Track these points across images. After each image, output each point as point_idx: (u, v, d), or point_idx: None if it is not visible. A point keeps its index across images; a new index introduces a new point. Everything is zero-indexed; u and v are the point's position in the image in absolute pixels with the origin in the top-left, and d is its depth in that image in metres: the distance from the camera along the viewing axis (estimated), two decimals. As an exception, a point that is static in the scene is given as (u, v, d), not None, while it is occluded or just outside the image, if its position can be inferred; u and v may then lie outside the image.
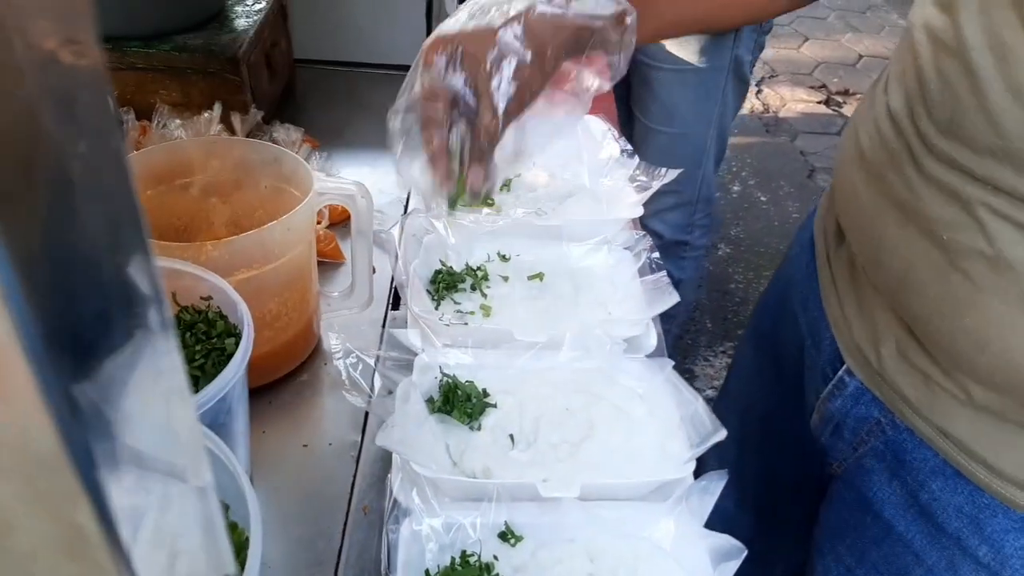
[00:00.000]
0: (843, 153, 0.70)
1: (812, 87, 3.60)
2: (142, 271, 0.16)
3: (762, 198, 2.91)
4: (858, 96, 3.57)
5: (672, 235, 1.70)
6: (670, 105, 1.53)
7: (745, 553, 0.57)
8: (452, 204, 0.70)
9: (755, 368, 0.92)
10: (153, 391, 0.18)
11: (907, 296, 0.59)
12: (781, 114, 3.41)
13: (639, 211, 0.92)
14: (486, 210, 0.89)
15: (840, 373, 0.69)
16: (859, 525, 0.70)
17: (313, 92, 1.28)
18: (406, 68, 1.35)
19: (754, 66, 1.60)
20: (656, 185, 0.92)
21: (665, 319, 0.82)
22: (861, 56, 3.80)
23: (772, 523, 0.92)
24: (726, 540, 0.58)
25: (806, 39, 3.88)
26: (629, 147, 0.99)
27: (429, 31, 1.32)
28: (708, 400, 0.70)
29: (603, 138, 1.03)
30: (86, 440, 0.12)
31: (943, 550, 0.62)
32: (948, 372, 0.58)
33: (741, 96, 1.60)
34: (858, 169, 0.64)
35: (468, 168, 0.66)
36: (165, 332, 0.18)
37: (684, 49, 1.45)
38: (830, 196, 0.76)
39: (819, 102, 3.53)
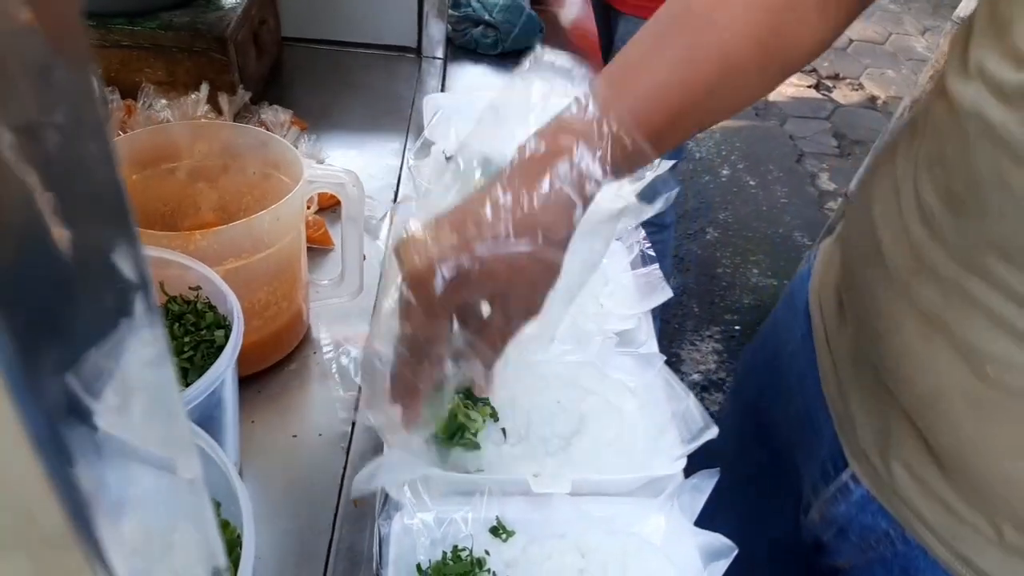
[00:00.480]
0: (853, 229, 0.62)
1: (802, 71, 3.59)
2: (127, 254, 0.15)
3: (751, 182, 2.92)
4: (848, 81, 3.57)
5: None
6: None
7: (736, 552, 0.57)
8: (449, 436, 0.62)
9: (738, 431, 0.82)
10: (140, 384, 0.17)
11: (933, 420, 0.53)
12: (771, 98, 3.40)
13: (631, 199, 0.91)
14: None
15: (844, 478, 0.63)
16: None
17: (301, 72, 1.25)
18: (396, 48, 1.34)
19: None
20: (650, 176, 0.91)
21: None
22: (852, 40, 3.80)
23: None
24: (716, 538, 0.59)
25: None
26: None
27: (421, 10, 1.30)
28: (695, 385, 0.70)
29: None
30: (91, 516, 0.11)
31: None
32: (977, 508, 0.52)
33: None
34: (875, 264, 0.56)
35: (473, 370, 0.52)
36: (151, 320, 0.18)
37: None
38: (826, 267, 0.68)
39: (809, 86, 3.53)
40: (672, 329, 2.26)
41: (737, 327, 2.33)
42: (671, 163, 0.93)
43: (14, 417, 0.10)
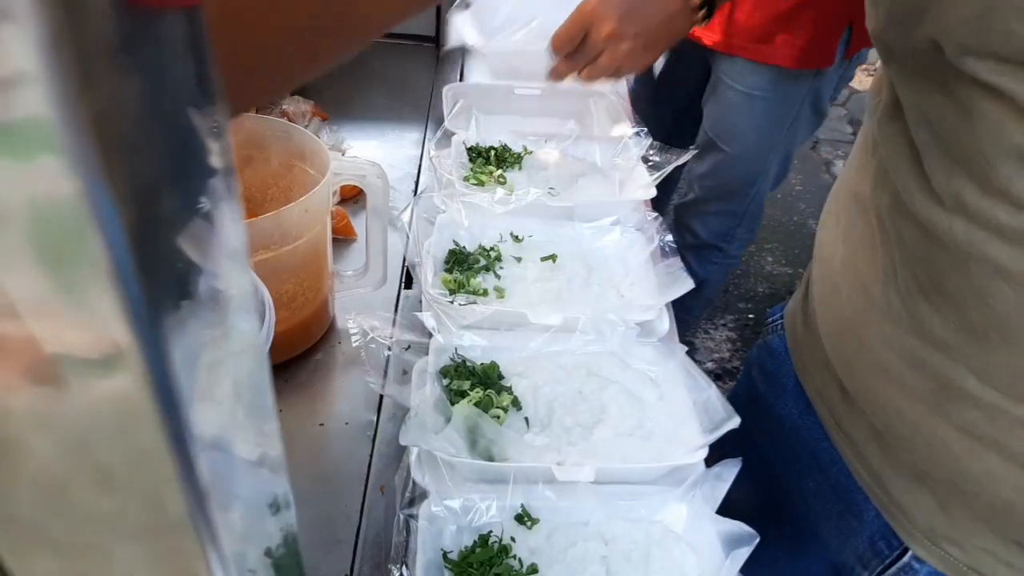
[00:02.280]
0: (833, 337, 0.62)
1: (818, 58, 3.56)
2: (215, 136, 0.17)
3: (765, 170, 2.90)
4: (863, 67, 3.54)
5: (709, 238, 1.68)
6: (732, 125, 1.48)
7: (757, 540, 0.58)
8: None
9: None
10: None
11: (1015, 526, 0.52)
12: (786, 85, 3.38)
13: (652, 192, 0.92)
14: (500, 190, 0.89)
15: (906, 559, 0.61)
16: None
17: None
18: (416, 38, 1.34)
19: (836, 97, 1.54)
20: (669, 167, 0.92)
21: (681, 310, 0.82)
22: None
23: None
24: (738, 527, 0.60)
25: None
26: (644, 127, 0.98)
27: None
28: (709, 373, 0.70)
29: (617, 116, 1.03)
30: (207, 496, 0.12)
31: None
32: None
33: (814, 126, 1.55)
34: (885, 382, 0.56)
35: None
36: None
37: (759, 75, 1.39)
38: (807, 341, 0.67)
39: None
40: (688, 328, 2.27)
41: (751, 315, 2.33)
42: (691, 152, 0.94)
43: (153, 408, 0.11)
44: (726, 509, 0.61)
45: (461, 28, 1.08)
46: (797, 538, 0.73)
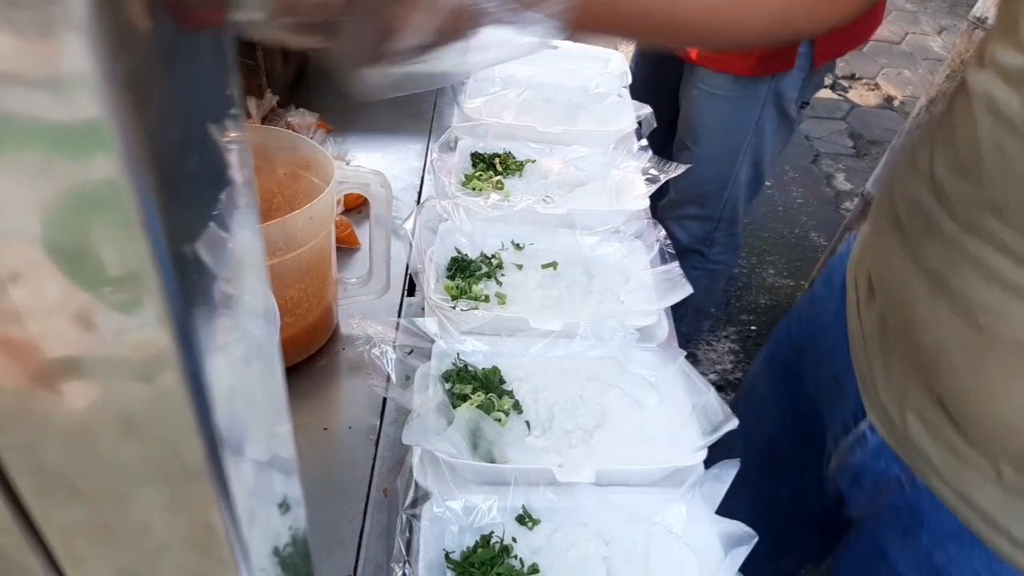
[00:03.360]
0: (878, 209, 0.68)
1: (818, 71, 3.59)
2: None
3: (766, 183, 2.92)
4: (864, 81, 3.56)
5: (688, 243, 1.69)
6: (698, 125, 1.50)
7: (756, 539, 0.59)
8: None
9: (770, 398, 0.89)
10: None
11: (937, 371, 0.58)
12: (787, 98, 3.40)
13: (644, 203, 0.93)
14: (494, 195, 0.91)
15: (863, 428, 0.68)
16: (873, 575, 0.69)
17: (326, 76, 1.28)
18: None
19: (806, 104, 1.55)
20: (663, 179, 0.93)
21: (675, 316, 0.83)
22: (868, 40, 3.79)
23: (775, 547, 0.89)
24: (737, 526, 0.60)
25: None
26: (644, 142, 1.00)
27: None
28: (711, 384, 0.72)
29: (620, 116, 1.05)
30: (223, 446, 0.13)
31: None
32: (978, 448, 0.57)
33: (785, 130, 1.55)
34: (893, 231, 0.63)
35: None
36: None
37: (720, 76, 1.41)
38: (864, 245, 0.73)
39: (825, 86, 3.52)
40: (686, 337, 2.27)
41: (753, 327, 2.33)
42: (685, 167, 0.95)
43: (176, 362, 0.12)
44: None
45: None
46: (808, 422, 0.80)
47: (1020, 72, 0.49)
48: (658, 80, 1.57)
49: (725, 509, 0.64)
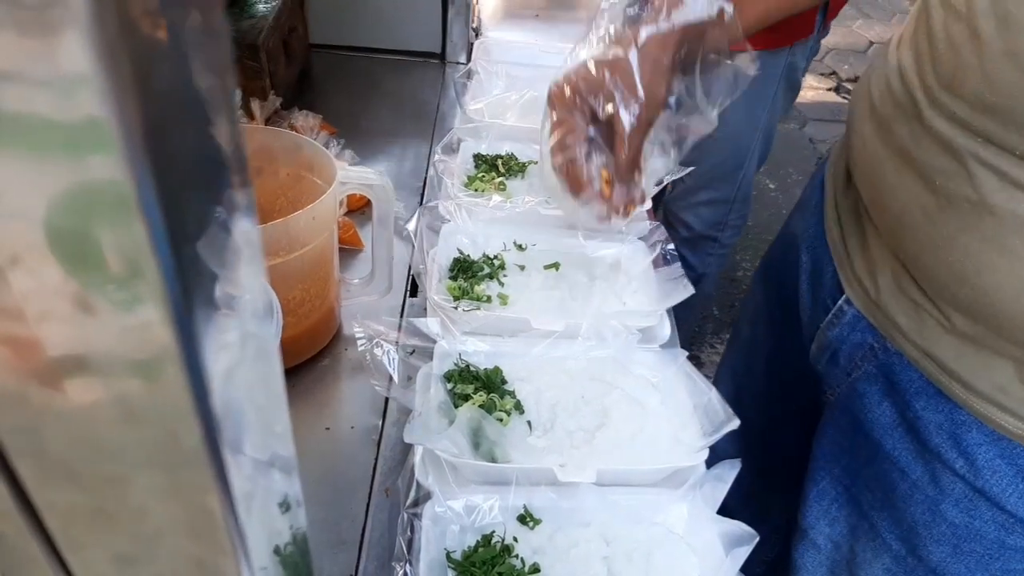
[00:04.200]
0: (855, 103, 0.74)
1: (822, 74, 3.59)
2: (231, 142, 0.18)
3: (771, 185, 2.92)
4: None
5: (702, 229, 1.69)
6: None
7: (757, 539, 0.59)
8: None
9: (763, 308, 0.97)
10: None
11: (902, 234, 0.64)
12: (791, 101, 3.40)
13: (647, 204, 0.93)
14: (497, 196, 0.91)
15: (840, 303, 0.74)
16: (852, 447, 0.75)
17: (329, 78, 1.29)
18: (422, 54, 1.37)
19: (806, 71, 1.56)
20: (668, 179, 0.93)
21: (683, 308, 0.83)
22: (872, 43, 3.79)
23: (771, 464, 0.97)
24: (738, 526, 0.60)
25: (817, 25, 3.86)
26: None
27: (445, 17, 1.33)
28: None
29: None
30: (220, 431, 0.13)
31: (926, 464, 0.68)
32: (935, 302, 0.63)
33: (790, 100, 1.57)
34: (868, 119, 0.69)
35: (612, 191, 0.76)
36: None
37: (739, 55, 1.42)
38: (842, 143, 0.80)
39: (829, 89, 3.52)
40: (693, 332, 2.27)
41: (757, 330, 2.33)
42: (689, 169, 0.95)
43: (176, 348, 0.12)
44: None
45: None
46: (788, 311, 0.87)
47: None
48: None
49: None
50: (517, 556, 0.61)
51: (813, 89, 3.49)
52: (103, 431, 0.13)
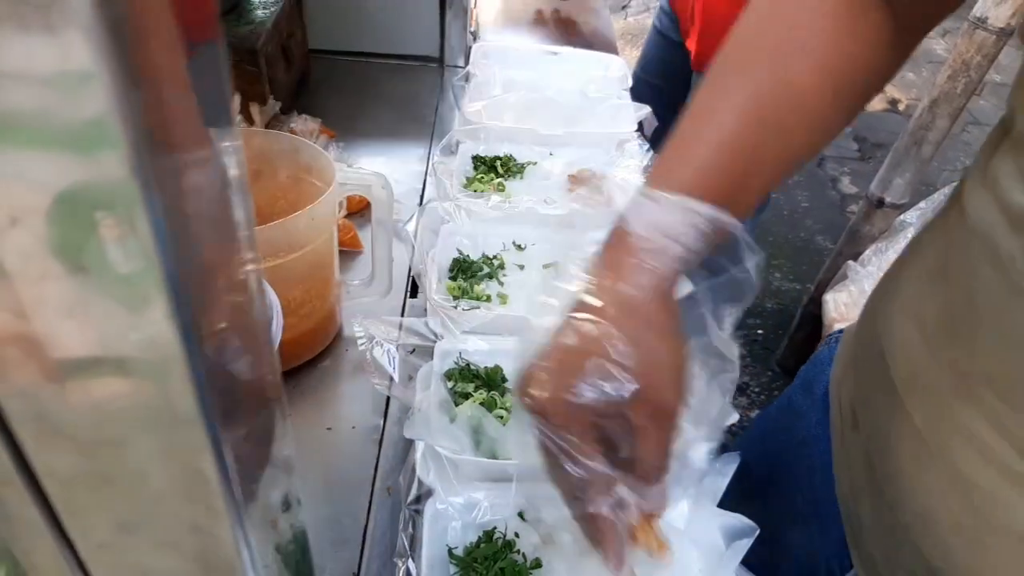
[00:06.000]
0: (861, 335, 0.60)
1: (821, 76, 3.59)
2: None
3: (771, 187, 2.92)
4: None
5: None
6: None
7: (757, 532, 0.59)
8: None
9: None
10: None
11: (928, 543, 0.51)
12: (790, 103, 3.40)
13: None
14: (496, 196, 0.91)
15: None
16: None
17: (328, 82, 1.29)
18: (420, 58, 1.38)
19: None
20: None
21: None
22: (870, 45, 3.79)
23: None
24: (738, 519, 0.60)
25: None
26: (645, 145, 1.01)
27: (443, 21, 1.34)
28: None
29: (622, 119, 1.06)
30: (211, 395, 0.14)
31: None
32: None
33: None
34: (879, 375, 0.54)
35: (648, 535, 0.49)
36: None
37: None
38: (845, 361, 0.64)
39: (828, 91, 3.52)
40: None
41: (760, 331, 2.33)
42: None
43: (170, 317, 0.13)
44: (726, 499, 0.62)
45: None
46: (773, 553, 0.71)
47: None
48: (666, 83, 1.57)
49: None
50: (518, 552, 0.61)
51: (812, 91, 3.49)
52: (99, 393, 0.14)
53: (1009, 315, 0.41)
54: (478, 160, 1.00)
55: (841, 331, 0.72)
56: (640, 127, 1.10)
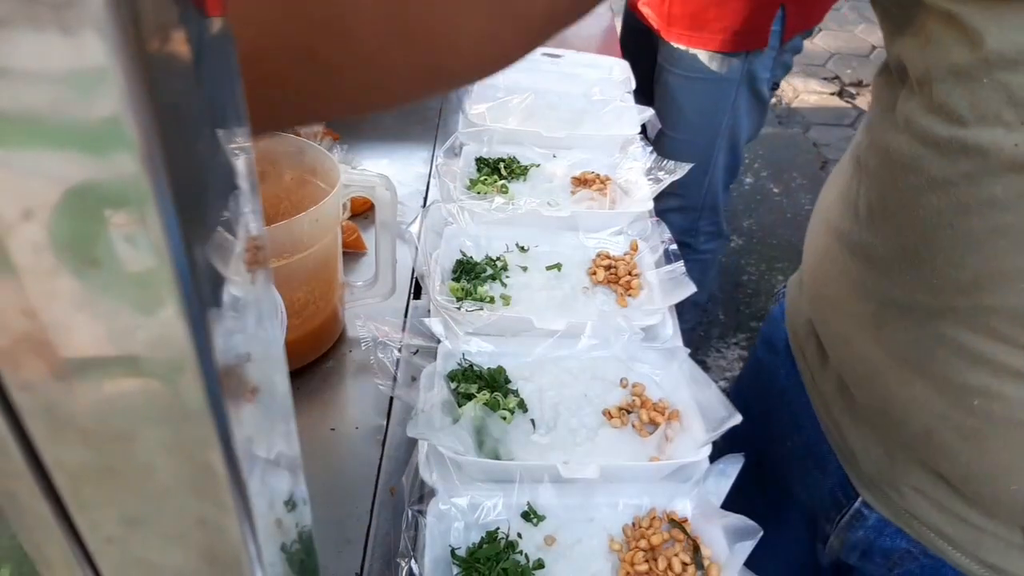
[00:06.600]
0: (813, 279, 0.64)
1: (825, 78, 3.60)
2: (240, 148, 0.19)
3: (775, 189, 2.92)
4: (871, 87, 3.57)
5: (675, 235, 1.72)
6: (678, 110, 1.54)
7: (761, 533, 0.59)
8: None
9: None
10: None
11: (933, 453, 0.54)
12: (794, 105, 3.41)
13: (648, 205, 0.94)
14: (498, 198, 0.92)
15: (856, 505, 0.64)
16: None
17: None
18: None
19: (777, 86, 1.58)
20: (666, 180, 0.94)
21: (679, 311, 0.84)
22: (874, 47, 3.79)
23: None
24: (742, 520, 0.61)
25: (819, 30, 3.87)
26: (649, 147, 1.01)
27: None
28: (721, 391, 0.71)
29: (624, 120, 1.06)
30: (221, 388, 0.14)
31: None
32: (995, 519, 0.53)
33: (758, 113, 1.59)
34: (841, 314, 0.58)
35: None
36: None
37: (693, 58, 1.46)
38: (797, 308, 0.69)
39: (832, 93, 3.53)
40: (698, 336, 2.27)
41: (762, 333, 2.33)
42: (688, 167, 0.96)
43: (178, 301, 0.13)
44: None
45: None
46: (780, 499, 0.76)
47: (954, 144, 0.45)
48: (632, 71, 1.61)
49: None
50: (521, 552, 0.61)
51: (816, 94, 3.49)
52: (109, 385, 0.14)
53: (963, 231, 0.46)
54: (482, 162, 1.00)
55: (785, 286, 0.78)
56: (643, 130, 1.11)
